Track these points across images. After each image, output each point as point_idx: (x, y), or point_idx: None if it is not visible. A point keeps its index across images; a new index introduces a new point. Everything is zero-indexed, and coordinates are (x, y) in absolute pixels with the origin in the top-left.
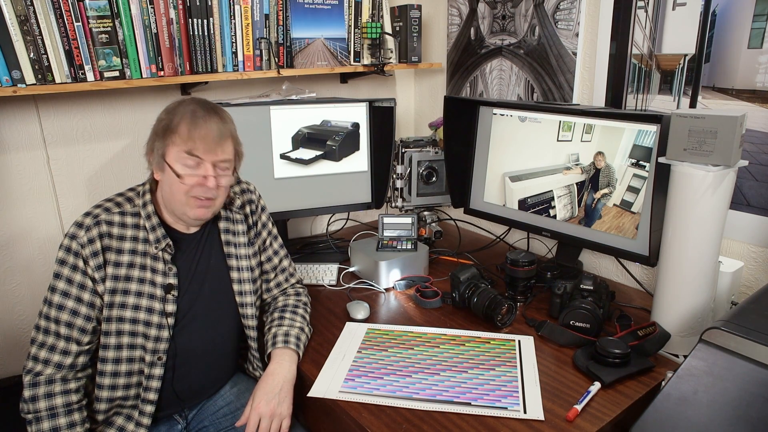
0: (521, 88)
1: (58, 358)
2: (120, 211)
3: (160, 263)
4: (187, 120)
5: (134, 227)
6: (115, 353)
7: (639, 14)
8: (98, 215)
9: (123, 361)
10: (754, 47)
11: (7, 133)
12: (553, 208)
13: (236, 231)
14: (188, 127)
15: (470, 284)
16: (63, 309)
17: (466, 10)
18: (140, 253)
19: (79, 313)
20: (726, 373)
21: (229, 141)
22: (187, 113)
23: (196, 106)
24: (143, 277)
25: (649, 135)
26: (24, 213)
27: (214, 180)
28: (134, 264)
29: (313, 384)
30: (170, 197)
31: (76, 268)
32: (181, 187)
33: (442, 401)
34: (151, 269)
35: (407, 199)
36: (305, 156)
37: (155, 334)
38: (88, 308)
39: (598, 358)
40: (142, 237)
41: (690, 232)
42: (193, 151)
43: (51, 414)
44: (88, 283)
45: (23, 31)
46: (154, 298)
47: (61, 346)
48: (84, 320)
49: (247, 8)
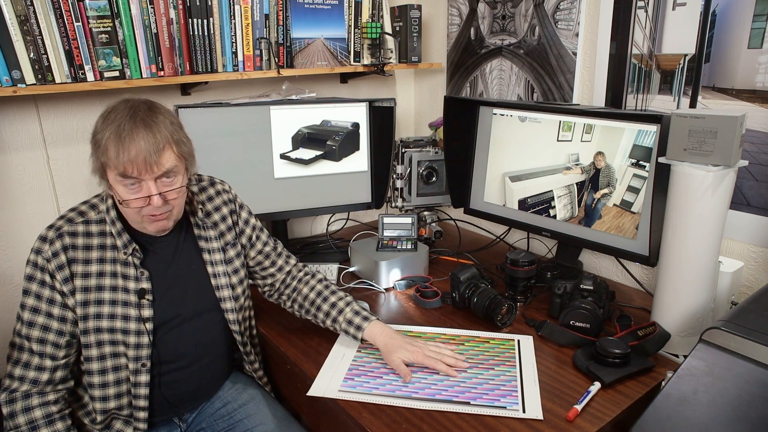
0: (521, 88)
1: (33, 374)
2: (84, 221)
3: (131, 268)
4: (113, 141)
5: (100, 235)
6: (99, 364)
7: (639, 14)
8: (60, 227)
9: (109, 371)
10: (754, 47)
11: (7, 133)
12: (553, 208)
13: (208, 237)
14: (115, 149)
15: (470, 284)
16: (33, 325)
17: (466, 10)
18: (109, 260)
19: (50, 328)
20: (726, 373)
21: (167, 150)
22: (113, 131)
23: (123, 119)
24: (115, 284)
25: (649, 135)
26: (24, 213)
27: (159, 198)
28: (104, 272)
29: (312, 383)
30: (126, 214)
31: (43, 284)
32: (130, 210)
33: (440, 400)
34: (122, 275)
35: (407, 199)
36: (305, 156)
37: (135, 341)
38: (60, 323)
39: (598, 358)
40: (110, 243)
41: (690, 232)
42: (128, 174)
43: (32, 427)
44: (57, 298)
45: (23, 31)
46: (129, 304)
47: (35, 362)
48: (56, 335)
49: (247, 8)
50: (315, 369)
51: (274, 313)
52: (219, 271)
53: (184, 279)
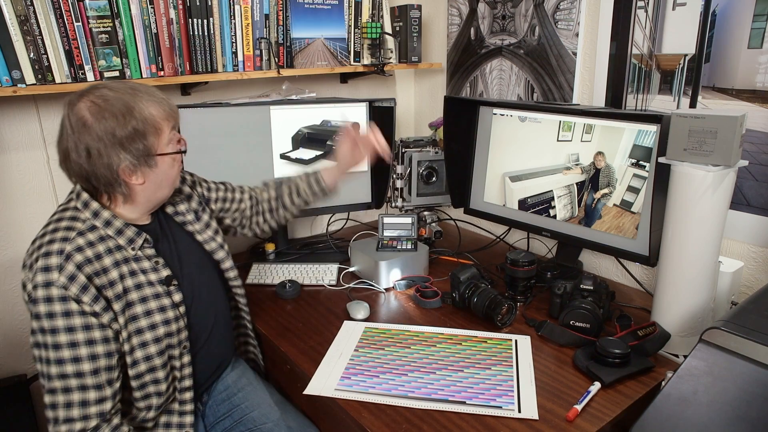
0: (521, 88)
1: (96, 409)
2: (79, 232)
3: (144, 261)
4: (147, 101)
5: (101, 241)
6: (147, 364)
7: (639, 14)
8: (63, 249)
9: (158, 368)
10: (754, 47)
11: (7, 133)
12: (553, 208)
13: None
14: (157, 106)
15: (470, 284)
16: (80, 361)
17: (466, 10)
18: (122, 261)
19: (98, 355)
20: (726, 373)
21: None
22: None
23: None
24: (138, 282)
25: (649, 135)
26: (24, 213)
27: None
28: (124, 275)
29: (309, 382)
30: (162, 186)
31: (70, 314)
32: (177, 166)
33: (437, 400)
34: (141, 271)
35: (407, 199)
36: (305, 156)
37: (176, 328)
38: (104, 345)
39: (598, 358)
40: (113, 246)
41: (690, 232)
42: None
43: None
44: (93, 321)
45: (23, 31)
46: (160, 296)
47: (93, 397)
48: (106, 359)
49: (247, 8)
50: (314, 368)
51: (275, 313)
52: (207, 237)
53: (186, 254)
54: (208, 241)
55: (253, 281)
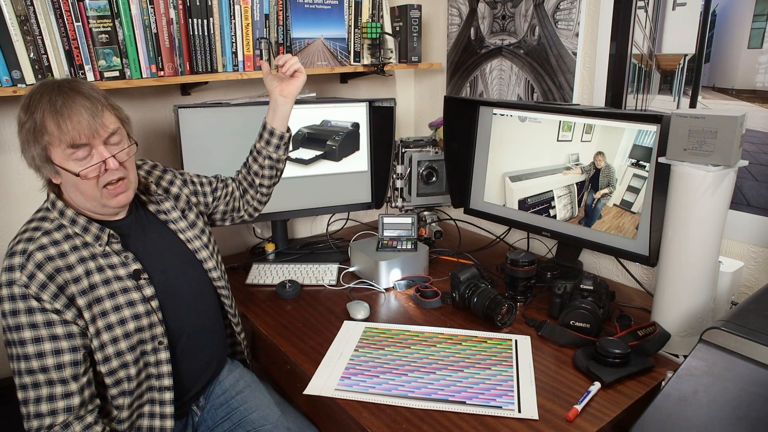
0: (521, 88)
1: (63, 403)
2: (44, 232)
3: (113, 257)
4: (50, 115)
5: (67, 239)
6: (118, 361)
7: (639, 14)
8: (26, 249)
9: (130, 364)
10: (754, 47)
11: (7, 133)
12: (553, 208)
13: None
14: (55, 122)
15: (470, 284)
16: (43, 355)
17: (466, 10)
18: (88, 258)
19: (62, 350)
20: (726, 373)
21: (106, 111)
22: (46, 108)
23: (51, 94)
24: (105, 278)
25: (649, 135)
26: (24, 213)
27: (114, 160)
28: (90, 271)
29: (309, 382)
30: (82, 196)
31: (32, 311)
32: (88, 184)
33: (436, 400)
34: (108, 267)
35: (407, 199)
36: (305, 156)
37: (147, 323)
38: (68, 340)
39: (598, 358)
40: (80, 243)
41: (690, 232)
42: (77, 142)
43: None
44: (54, 317)
45: (23, 31)
46: (128, 290)
47: (60, 391)
48: (71, 353)
49: (247, 8)
50: (314, 368)
51: (275, 313)
52: (191, 236)
53: (163, 252)
54: (191, 239)
55: (253, 281)
